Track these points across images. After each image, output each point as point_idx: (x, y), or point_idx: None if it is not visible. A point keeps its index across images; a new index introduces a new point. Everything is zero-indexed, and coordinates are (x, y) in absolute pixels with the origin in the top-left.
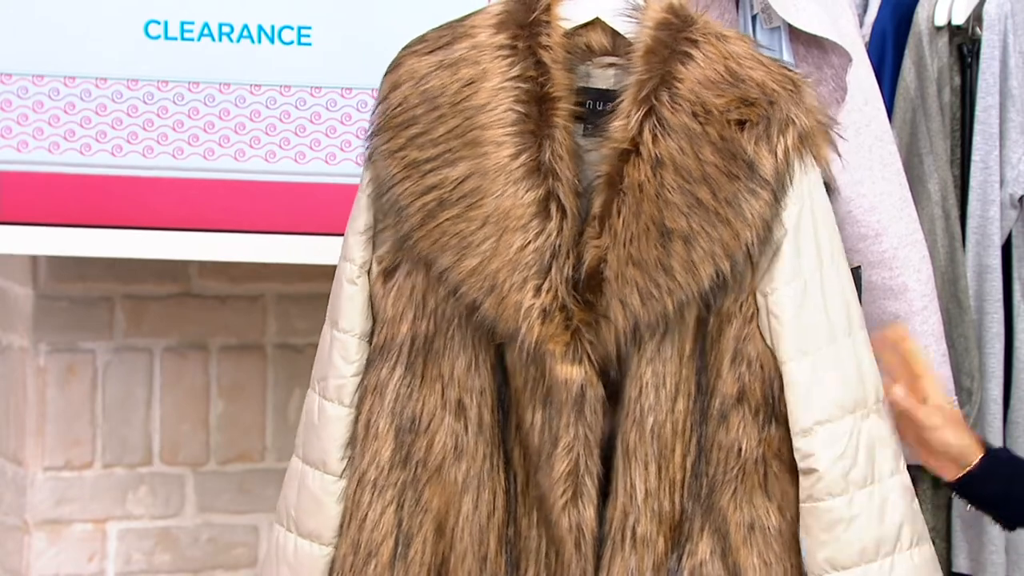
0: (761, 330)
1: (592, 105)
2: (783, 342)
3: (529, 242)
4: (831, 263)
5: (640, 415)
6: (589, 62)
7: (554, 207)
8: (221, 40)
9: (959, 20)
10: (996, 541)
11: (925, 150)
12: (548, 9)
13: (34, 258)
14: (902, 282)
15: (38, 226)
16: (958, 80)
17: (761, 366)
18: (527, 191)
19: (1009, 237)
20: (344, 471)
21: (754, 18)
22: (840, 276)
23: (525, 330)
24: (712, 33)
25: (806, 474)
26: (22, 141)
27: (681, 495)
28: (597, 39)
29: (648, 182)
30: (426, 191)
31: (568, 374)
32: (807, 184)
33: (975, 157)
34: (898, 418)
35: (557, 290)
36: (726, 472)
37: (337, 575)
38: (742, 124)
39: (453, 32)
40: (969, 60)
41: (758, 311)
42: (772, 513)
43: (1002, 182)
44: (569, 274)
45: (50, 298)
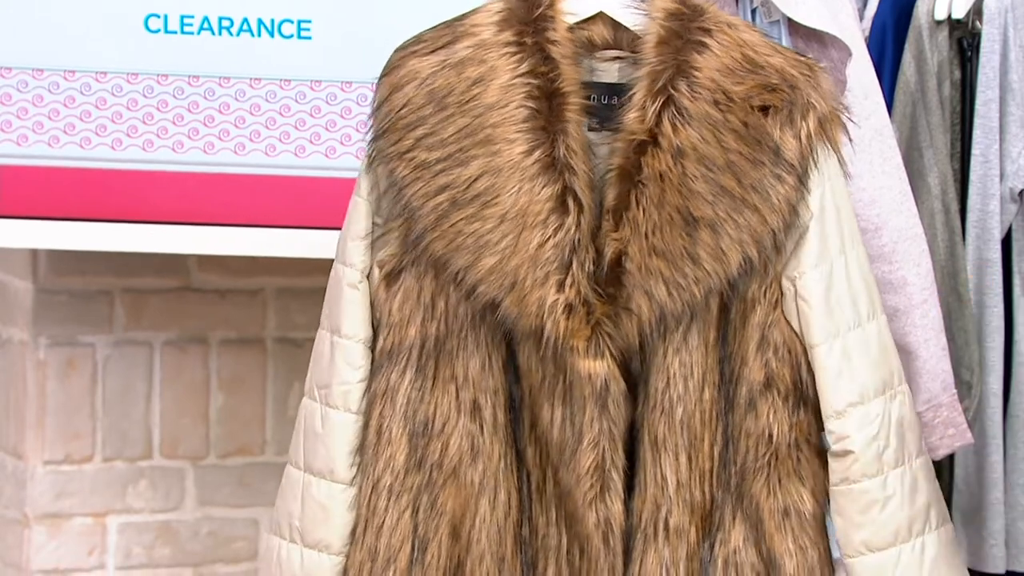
0: (786, 315)
1: (598, 99)
2: (812, 326)
3: (548, 238)
4: (852, 246)
5: (669, 406)
6: (592, 56)
7: (571, 202)
8: (221, 34)
9: (959, 14)
10: (996, 535)
11: (925, 144)
12: (552, 4)
13: (34, 252)
14: (902, 276)
15: (38, 220)
16: (958, 74)
17: (789, 351)
18: (543, 187)
19: (1009, 231)
20: (353, 478)
21: (753, 12)
22: (860, 259)
23: (551, 326)
24: (723, 21)
25: (841, 456)
26: (22, 135)
27: (711, 484)
28: (599, 32)
29: (671, 172)
30: (438, 191)
31: (592, 368)
32: (829, 168)
33: (975, 151)
34: None
35: (579, 285)
36: (757, 459)
37: None
38: (765, 110)
39: (453, 31)
40: (969, 54)
41: (783, 296)
42: (806, 498)
43: (1002, 176)
44: (590, 268)
45: (50, 292)
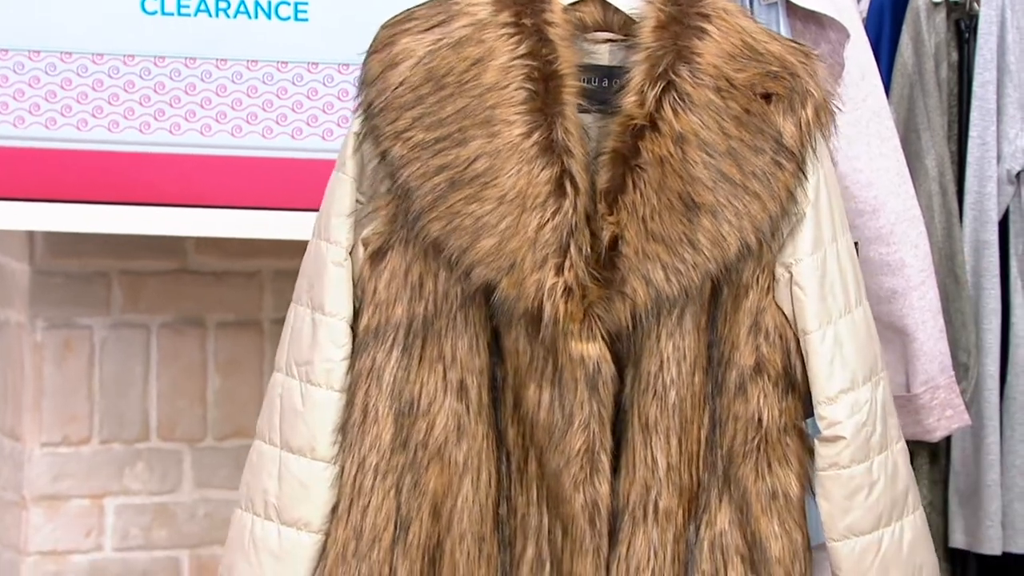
0: (778, 301)
1: (592, 81)
2: (807, 312)
3: (547, 220)
4: (842, 232)
5: (663, 389)
6: (584, 38)
7: (568, 184)
8: (218, 16)
9: None
10: (993, 516)
11: (922, 126)
12: None
13: (31, 234)
14: (899, 258)
15: (35, 202)
16: (956, 56)
17: (780, 337)
18: (542, 169)
19: (1006, 213)
20: (334, 457)
21: None
22: (849, 246)
23: (550, 309)
24: (720, 7)
25: (831, 442)
26: (18, 116)
27: (698, 467)
28: (590, 14)
29: (672, 157)
30: (436, 171)
31: (586, 351)
32: (823, 155)
33: (972, 133)
34: None
35: (577, 268)
36: (746, 443)
37: (337, 561)
38: (768, 97)
39: (447, 10)
40: (967, 35)
41: (775, 282)
42: (793, 482)
43: (999, 158)
44: (587, 251)
45: (47, 274)
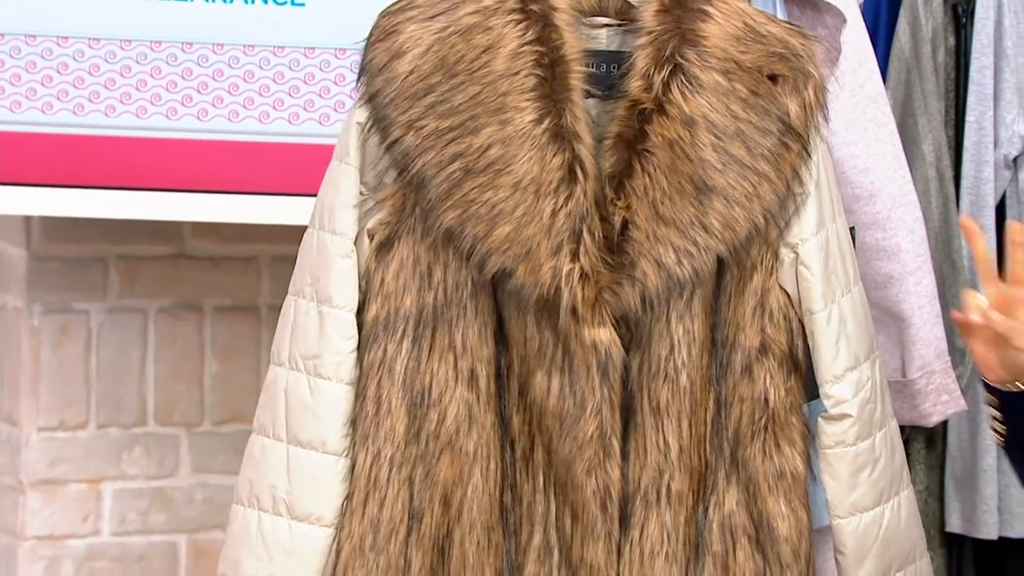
0: (781, 282)
1: (595, 66)
2: (812, 292)
3: (560, 207)
4: (839, 211)
5: (674, 372)
6: (583, 23)
7: (579, 170)
8: (214, 0)
9: None
10: (989, 501)
11: (919, 111)
12: None
13: (27, 219)
14: (896, 243)
15: (31, 187)
16: (952, 40)
17: (784, 317)
18: (554, 156)
19: (1003, 198)
20: (345, 450)
21: None
22: (845, 227)
23: (567, 295)
24: None
25: (837, 420)
26: (15, 101)
27: (705, 449)
28: None
29: (682, 140)
30: (451, 160)
31: (598, 336)
32: (821, 136)
33: (969, 118)
34: (978, 333)
35: (591, 254)
36: (753, 423)
37: (352, 554)
38: (774, 79)
39: None
40: (964, 20)
41: (779, 263)
42: (799, 461)
43: (996, 143)
44: (599, 236)
45: (44, 259)
